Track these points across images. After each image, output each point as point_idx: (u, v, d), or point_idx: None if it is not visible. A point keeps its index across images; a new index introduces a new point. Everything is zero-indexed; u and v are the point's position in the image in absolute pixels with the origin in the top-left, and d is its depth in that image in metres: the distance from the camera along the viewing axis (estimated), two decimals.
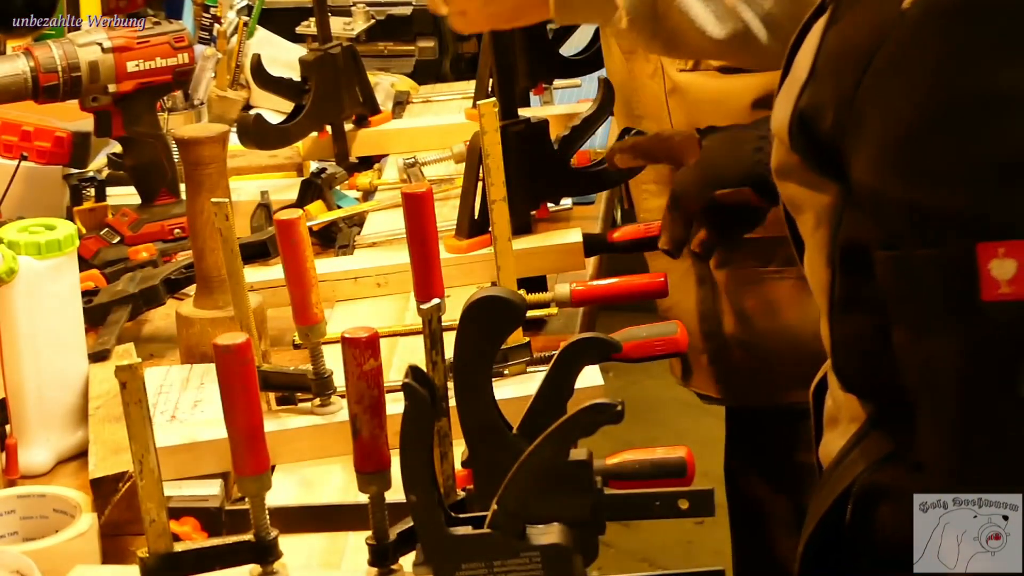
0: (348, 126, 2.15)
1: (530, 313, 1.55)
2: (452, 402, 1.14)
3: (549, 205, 1.99)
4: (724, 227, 1.58)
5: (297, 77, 2.08)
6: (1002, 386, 0.96)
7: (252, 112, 2.21)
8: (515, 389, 1.44)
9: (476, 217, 1.78)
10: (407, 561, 1.12)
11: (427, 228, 1.41)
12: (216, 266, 1.58)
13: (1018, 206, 0.94)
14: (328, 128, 2.10)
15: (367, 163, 2.18)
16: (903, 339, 1.01)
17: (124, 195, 2.06)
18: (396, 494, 1.10)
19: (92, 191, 2.03)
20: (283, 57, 2.34)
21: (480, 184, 1.65)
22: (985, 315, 0.95)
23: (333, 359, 1.36)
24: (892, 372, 1.03)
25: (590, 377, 1.44)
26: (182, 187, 1.84)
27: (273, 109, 2.25)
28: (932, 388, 1.00)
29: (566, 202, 2.03)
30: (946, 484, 1.02)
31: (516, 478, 1.05)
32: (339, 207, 2.00)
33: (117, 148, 2.07)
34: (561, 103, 2.32)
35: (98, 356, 1.60)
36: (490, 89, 1.91)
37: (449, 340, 1.13)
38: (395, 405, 1.10)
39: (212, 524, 1.28)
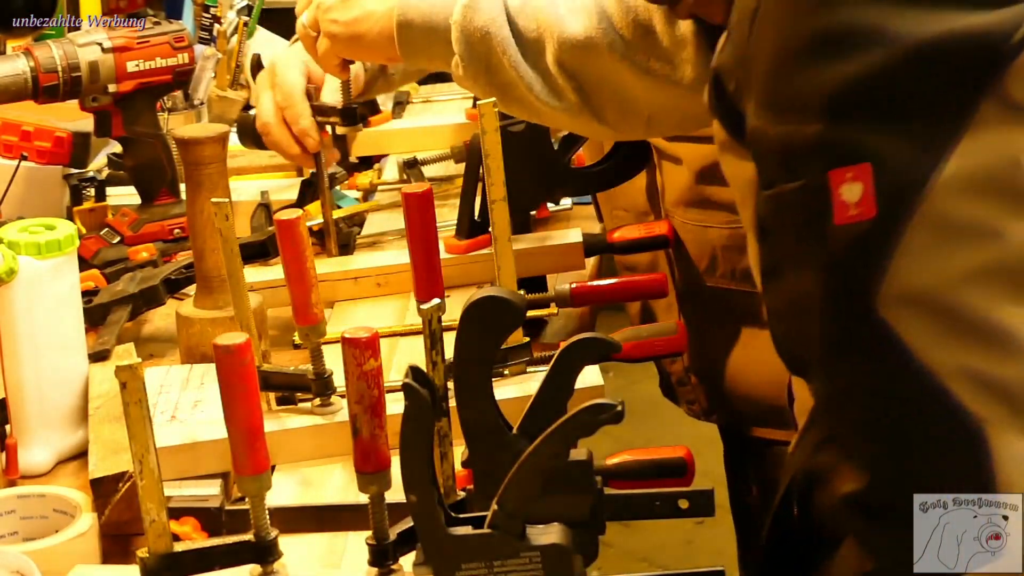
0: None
1: (530, 313, 1.55)
2: (452, 402, 1.15)
3: (549, 205, 1.99)
4: None
5: None
6: (859, 309, 0.99)
7: (252, 112, 2.21)
8: (515, 389, 1.44)
9: (476, 217, 1.78)
10: (407, 561, 1.12)
11: (427, 228, 1.41)
12: (216, 266, 1.58)
13: (862, 131, 0.98)
14: (328, 128, 2.10)
15: (367, 163, 2.17)
16: (790, 283, 1.04)
17: (124, 195, 2.05)
18: (396, 494, 1.10)
19: (92, 191, 2.03)
20: None
21: (480, 184, 1.65)
22: (836, 239, 0.99)
23: (333, 359, 1.36)
24: None
25: (590, 377, 1.44)
26: (182, 187, 1.84)
27: None
28: (807, 320, 1.03)
29: (566, 202, 2.03)
30: (828, 422, 1.05)
31: (516, 478, 1.05)
32: (339, 207, 2.00)
33: (117, 148, 2.07)
34: None
35: (98, 356, 1.60)
36: None
37: (449, 340, 1.13)
38: (395, 405, 1.10)
39: (212, 524, 1.28)
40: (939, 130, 0.97)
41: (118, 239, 1.94)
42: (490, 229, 1.44)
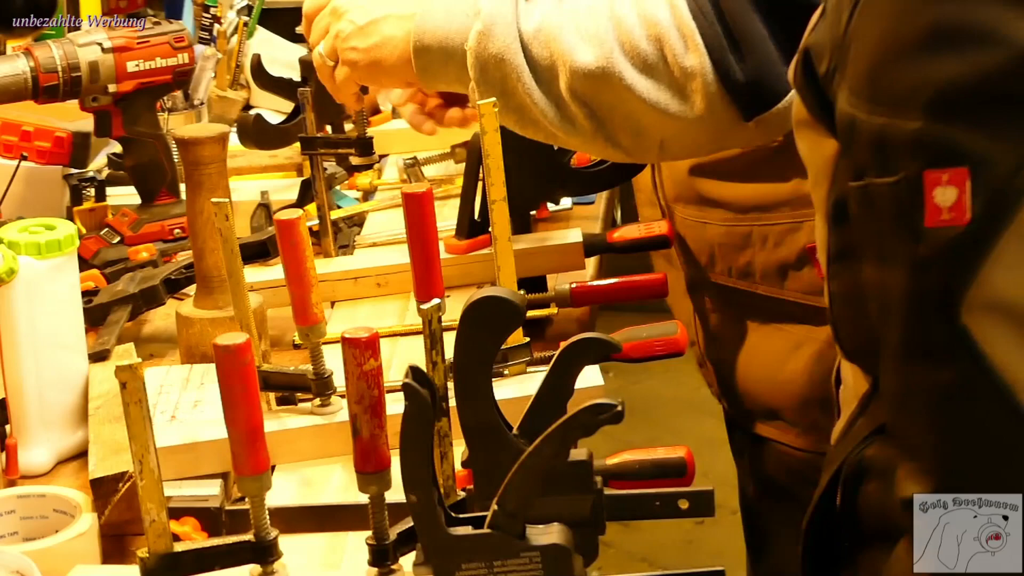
0: (348, 126, 2.15)
1: (530, 313, 1.55)
2: (452, 402, 1.14)
3: (549, 205, 1.99)
4: None
5: (297, 77, 2.08)
6: (941, 313, 0.97)
7: (252, 112, 2.21)
8: (515, 389, 1.44)
9: (476, 217, 1.78)
10: (407, 561, 1.12)
11: (427, 228, 1.41)
12: (216, 266, 1.58)
13: (963, 133, 0.96)
14: (328, 128, 2.10)
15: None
16: (869, 274, 1.03)
17: (124, 195, 2.06)
18: (396, 494, 1.10)
19: (92, 191, 2.03)
20: (283, 57, 2.34)
21: (480, 184, 1.65)
22: (926, 241, 0.97)
23: (333, 359, 1.36)
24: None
25: (590, 377, 1.44)
26: (182, 187, 1.84)
27: (273, 109, 2.26)
28: (885, 315, 1.02)
29: (566, 202, 2.03)
30: (894, 419, 1.05)
31: (516, 478, 1.05)
32: (339, 207, 2.00)
33: (117, 148, 2.07)
34: None
35: (98, 356, 1.60)
36: None
37: (449, 340, 1.13)
38: (395, 405, 1.10)
39: (212, 524, 1.28)
40: None
41: (118, 239, 1.94)
42: (490, 229, 1.44)
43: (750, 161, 1.68)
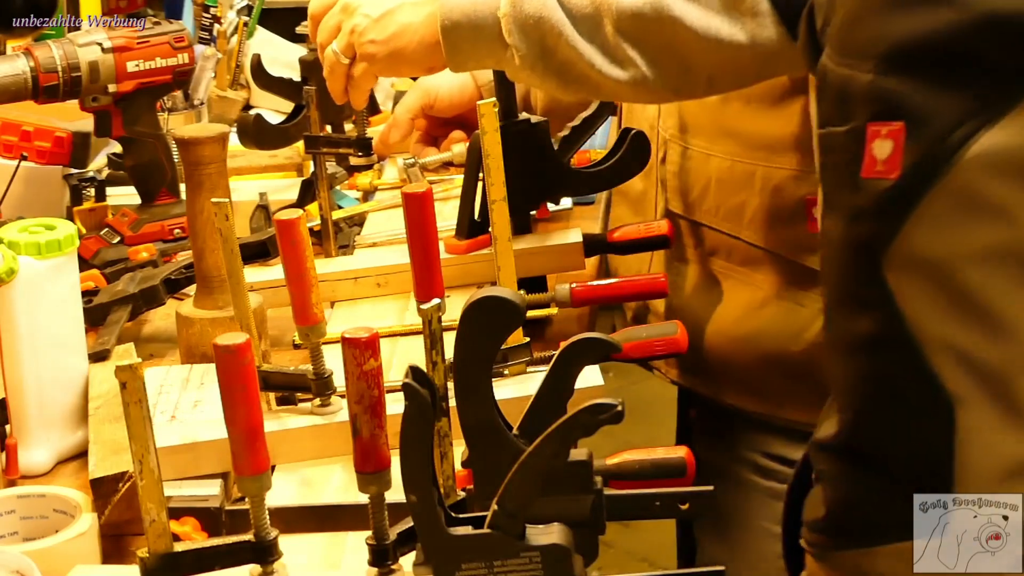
0: (348, 126, 2.15)
1: (530, 313, 1.55)
2: (452, 402, 1.15)
3: (549, 205, 1.99)
4: None
5: (297, 77, 2.08)
6: (867, 264, 1.00)
7: (252, 112, 2.21)
8: (515, 389, 1.44)
9: (476, 217, 1.78)
10: (407, 561, 1.12)
11: (427, 228, 1.41)
12: (216, 266, 1.58)
13: (907, 89, 0.98)
14: (328, 128, 2.10)
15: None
16: (823, 225, 1.05)
17: (124, 195, 2.06)
18: (396, 494, 1.10)
19: (92, 191, 2.03)
20: (283, 57, 2.34)
21: (480, 184, 1.65)
22: (862, 191, 1.00)
23: (333, 359, 1.36)
24: None
25: (590, 377, 1.44)
26: (182, 187, 1.84)
27: (273, 109, 2.26)
28: (826, 264, 1.05)
29: (566, 202, 2.03)
30: (824, 363, 1.06)
31: (516, 478, 1.05)
32: (339, 207, 2.00)
33: (117, 148, 2.07)
34: None
35: (98, 356, 1.60)
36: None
37: (449, 340, 1.13)
38: (395, 405, 1.10)
39: (212, 524, 1.28)
40: (985, 103, 0.97)
41: (118, 239, 1.94)
42: (490, 229, 1.44)
43: (779, 88, 1.67)
